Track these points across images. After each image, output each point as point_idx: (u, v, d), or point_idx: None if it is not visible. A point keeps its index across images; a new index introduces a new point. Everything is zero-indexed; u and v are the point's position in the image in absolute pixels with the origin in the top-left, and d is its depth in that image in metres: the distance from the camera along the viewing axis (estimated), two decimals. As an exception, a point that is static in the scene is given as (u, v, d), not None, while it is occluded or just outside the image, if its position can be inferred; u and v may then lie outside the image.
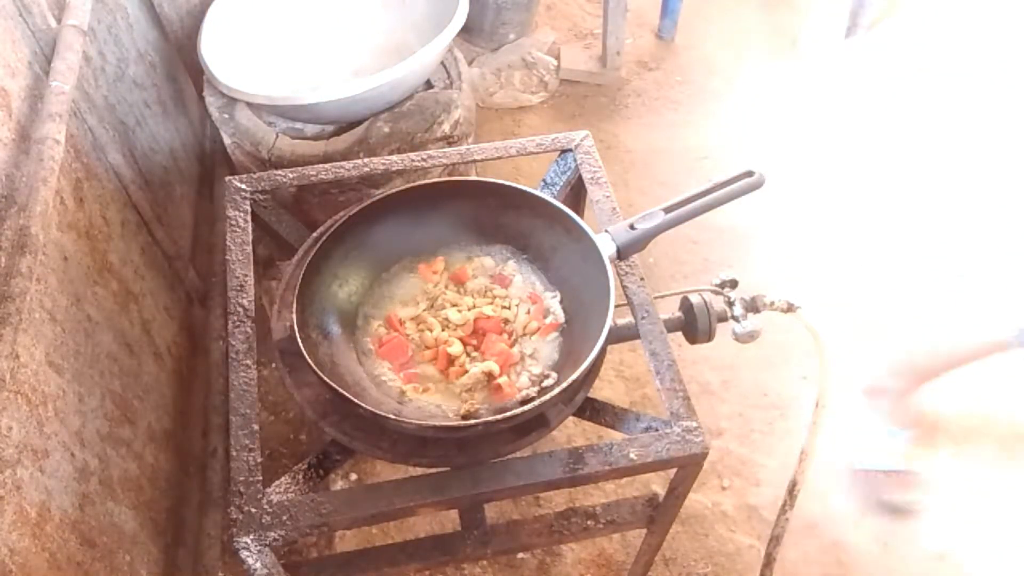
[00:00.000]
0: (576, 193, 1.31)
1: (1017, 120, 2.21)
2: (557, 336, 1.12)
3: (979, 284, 1.74)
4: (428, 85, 1.66)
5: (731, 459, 1.74)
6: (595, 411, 1.08)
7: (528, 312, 1.14)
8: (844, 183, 2.23)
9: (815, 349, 1.12)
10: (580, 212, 1.31)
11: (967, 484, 1.70)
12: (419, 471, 0.97)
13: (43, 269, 1.06)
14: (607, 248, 1.07)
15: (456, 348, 1.09)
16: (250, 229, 1.17)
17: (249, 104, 1.56)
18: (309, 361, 0.96)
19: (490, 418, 0.96)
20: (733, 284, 1.13)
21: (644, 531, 1.23)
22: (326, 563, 1.14)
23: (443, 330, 1.12)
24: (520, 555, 1.58)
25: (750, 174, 1.12)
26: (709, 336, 1.11)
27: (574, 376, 0.97)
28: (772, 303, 1.11)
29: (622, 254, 1.09)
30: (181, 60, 1.86)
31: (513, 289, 1.17)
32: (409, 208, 1.16)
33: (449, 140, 1.61)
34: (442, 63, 1.68)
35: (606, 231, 1.09)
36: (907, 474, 1.69)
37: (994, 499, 1.68)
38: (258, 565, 0.93)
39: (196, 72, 1.71)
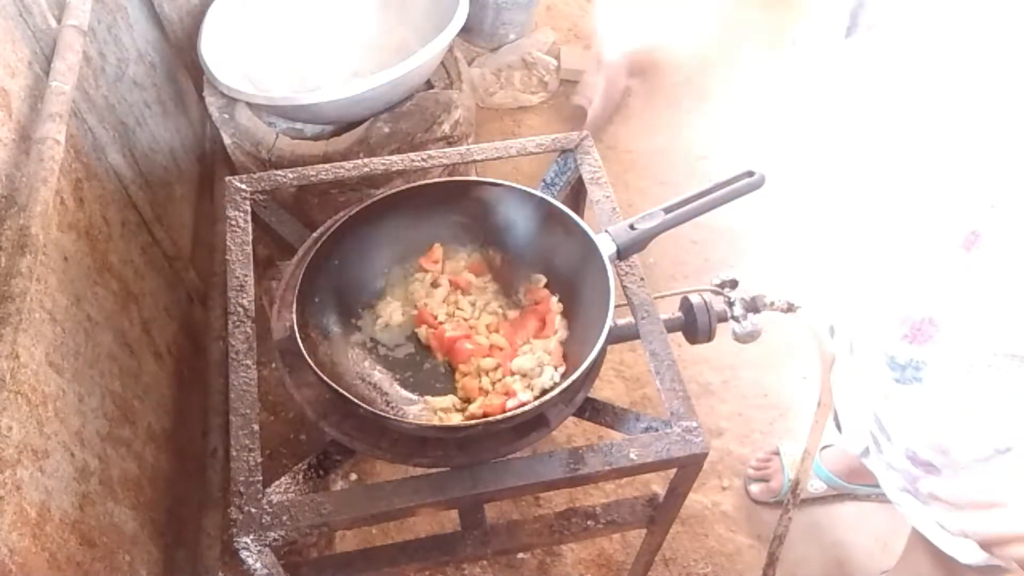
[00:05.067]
0: (576, 193, 1.31)
1: (1016, 120, 2.21)
2: (557, 336, 1.12)
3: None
4: (428, 85, 1.66)
5: (731, 459, 1.74)
6: (595, 411, 1.08)
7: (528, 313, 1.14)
8: (844, 183, 2.23)
9: (815, 349, 1.12)
10: (580, 212, 1.31)
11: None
12: (419, 471, 0.97)
13: (43, 269, 1.06)
14: (607, 248, 1.07)
15: (456, 348, 1.09)
16: (250, 229, 1.17)
17: (249, 104, 1.56)
18: (309, 361, 0.96)
19: (490, 418, 0.96)
20: (733, 284, 1.13)
21: (644, 531, 1.23)
22: (326, 563, 1.14)
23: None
24: (520, 555, 1.58)
25: (750, 174, 1.12)
26: (709, 336, 1.11)
27: (574, 376, 0.97)
28: (772, 303, 1.11)
29: (622, 254, 1.09)
30: (181, 60, 1.86)
31: (513, 289, 1.17)
32: (409, 208, 1.16)
33: (449, 140, 1.61)
34: (442, 63, 1.68)
35: (606, 231, 1.09)
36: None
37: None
38: (258, 565, 0.93)
39: (196, 72, 1.71)
